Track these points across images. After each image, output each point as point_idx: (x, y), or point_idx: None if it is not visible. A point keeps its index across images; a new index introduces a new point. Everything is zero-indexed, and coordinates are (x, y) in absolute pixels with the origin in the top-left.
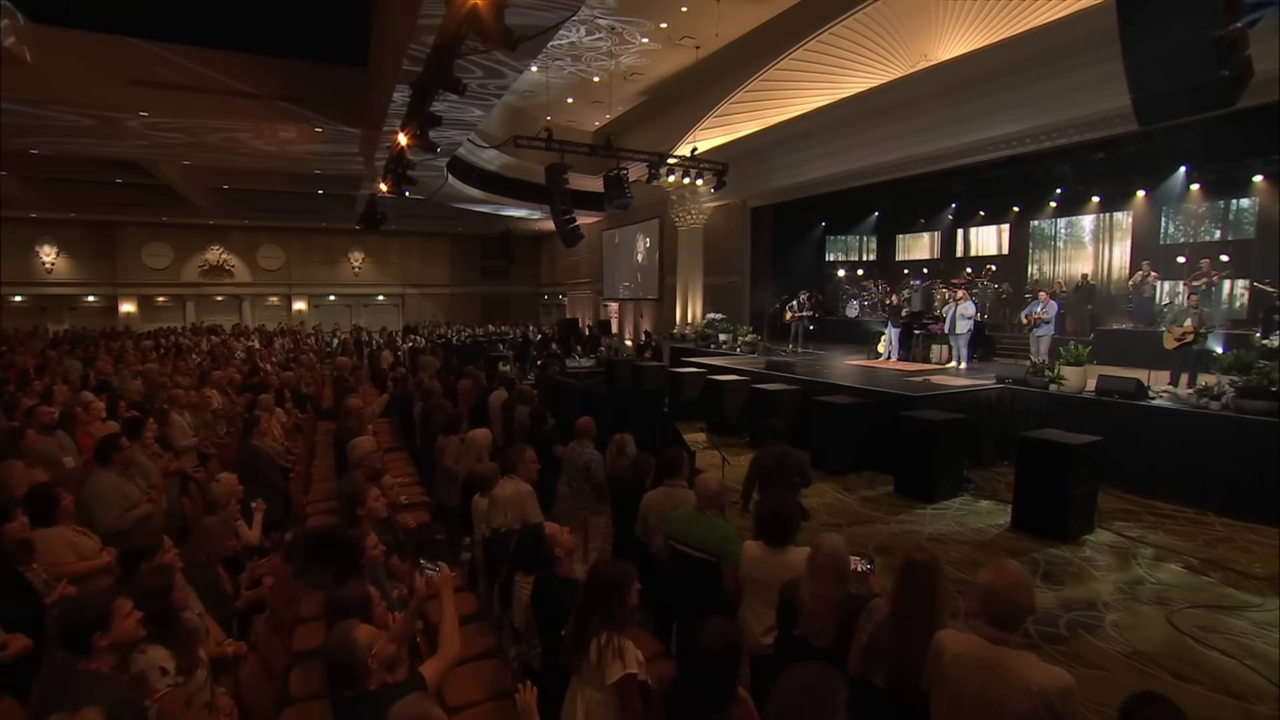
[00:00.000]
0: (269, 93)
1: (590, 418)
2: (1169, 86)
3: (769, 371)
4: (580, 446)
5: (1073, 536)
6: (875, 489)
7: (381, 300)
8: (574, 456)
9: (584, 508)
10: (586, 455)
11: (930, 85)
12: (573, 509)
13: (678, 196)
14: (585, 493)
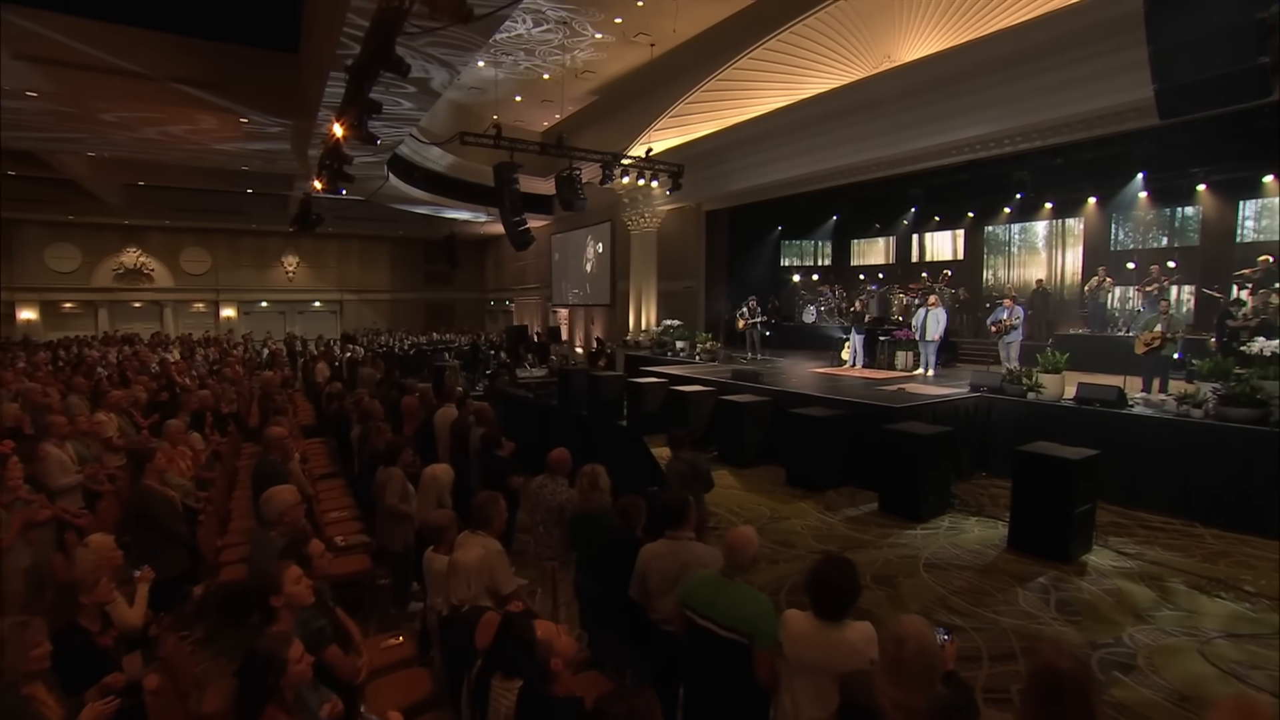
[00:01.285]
0: (182, 77)
1: (567, 451)
2: (1198, 75)
3: (735, 381)
4: (554, 484)
5: (1074, 557)
6: (858, 507)
7: (318, 307)
8: (544, 495)
9: (551, 557)
10: (562, 495)
11: (894, 87)
12: (537, 556)
13: (630, 199)
14: (555, 539)
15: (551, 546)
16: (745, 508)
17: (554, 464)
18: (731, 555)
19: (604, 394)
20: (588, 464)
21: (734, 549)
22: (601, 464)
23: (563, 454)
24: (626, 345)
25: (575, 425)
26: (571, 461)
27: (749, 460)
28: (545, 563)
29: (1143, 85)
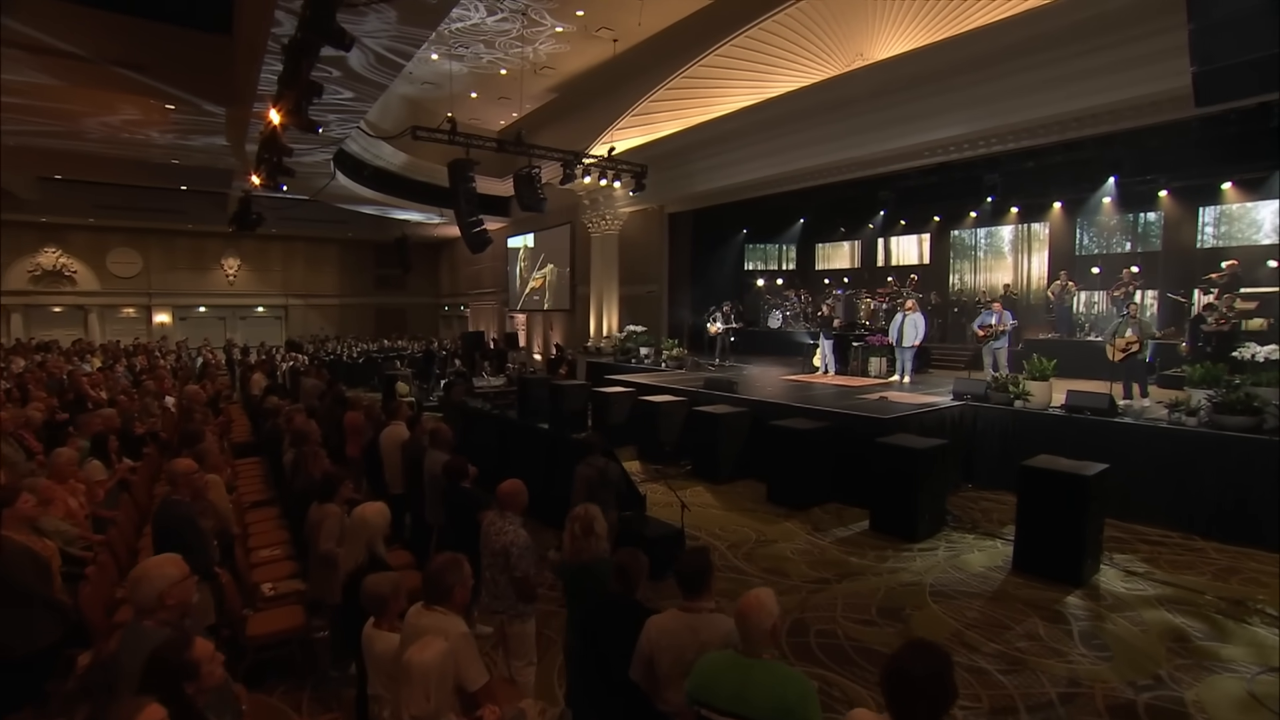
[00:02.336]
0: (102, 55)
1: (519, 483)
2: (1240, 57)
3: (708, 391)
4: (502, 521)
5: (1085, 578)
6: (848, 526)
7: (261, 312)
8: (491, 535)
9: (500, 609)
10: (508, 535)
11: (866, 86)
12: (486, 606)
13: (590, 201)
14: (501, 588)
15: (499, 598)
16: (727, 529)
17: (504, 498)
18: (747, 627)
19: (567, 404)
20: (580, 505)
21: (749, 618)
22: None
23: (514, 487)
24: (588, 352)
25: (539, 441)
26: (528, 494)
27: (725, 475)
28: (494, 615)
29: (1118, 88)
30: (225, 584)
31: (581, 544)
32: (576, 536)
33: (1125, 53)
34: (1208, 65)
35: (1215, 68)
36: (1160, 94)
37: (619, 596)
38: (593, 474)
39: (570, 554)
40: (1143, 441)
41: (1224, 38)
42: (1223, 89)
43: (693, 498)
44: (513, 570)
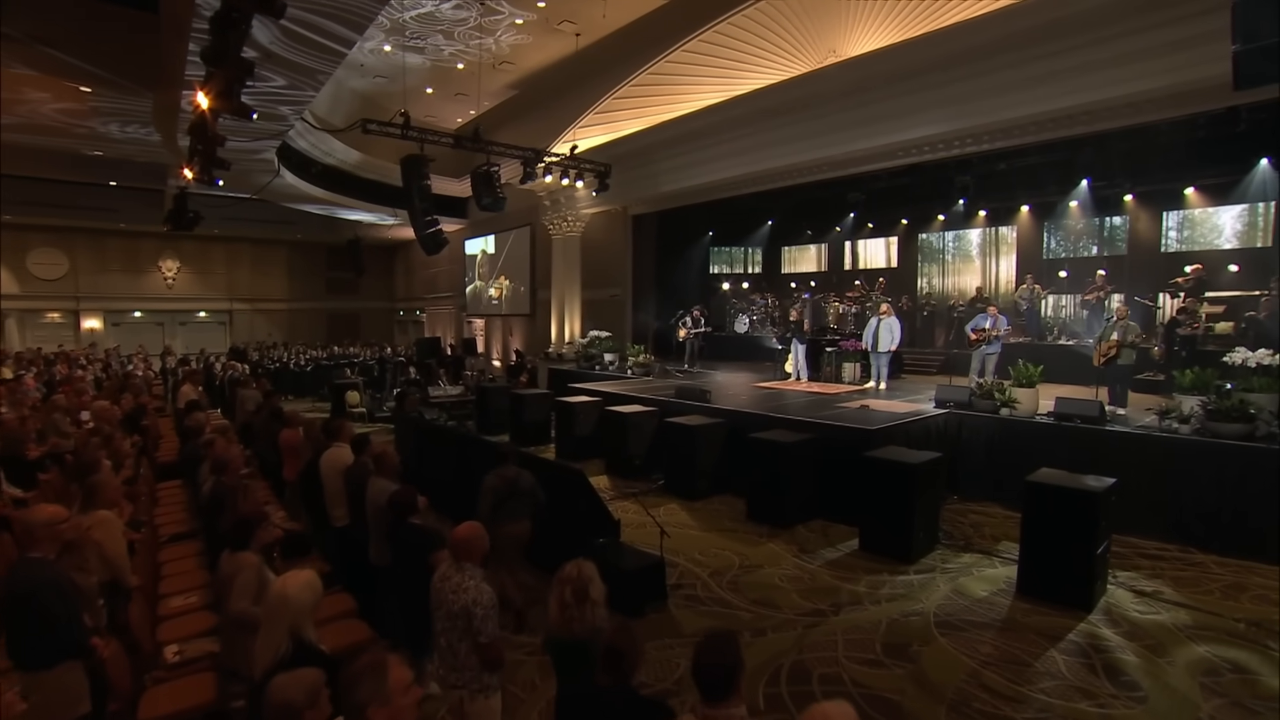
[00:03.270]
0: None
1: (478, 526)
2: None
3: (680, 400)
4: (459, 575)
5: (1096, 601)
6: (836, 547)
7: (204, 317)
8: (446, 593)
9: (459, 683)
10: (468, 593)
11: (838, 83)
12: (440, 679)
13: (552, 202)
14: (461, 657)
15: (458, 669)
16: (708, 554)
17: (460, 546)
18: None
19: (529, 415)
20: (572, 562)
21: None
22: None
23: (472, 532)
24: (549, 358)
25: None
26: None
27: (701, 491)
28: (451, 690)
29: (1094, 89)
30: (108, 657)
31: (573, 613)
32: (567, 604)
33: (1102, 52)
34: (1251, 43)
35: (1259, 46)
36: (1136, 95)
37: (612, 690)
38: (500, 484)
39: (558, 624)
40: (1135, 450)
41: (1269, 13)
42: (1265, 68)
43: (667, 517)
44: (476, 635)
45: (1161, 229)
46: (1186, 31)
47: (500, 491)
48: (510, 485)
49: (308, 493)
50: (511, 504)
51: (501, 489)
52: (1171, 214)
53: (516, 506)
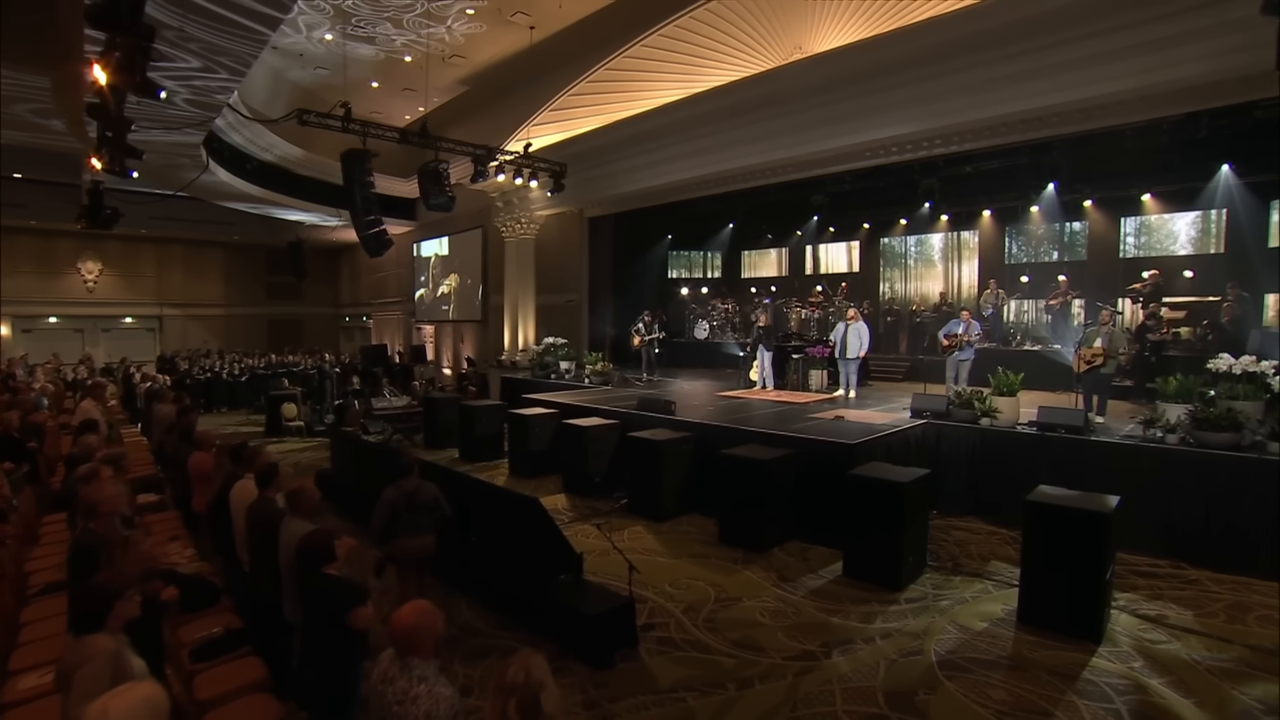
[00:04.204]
0: None
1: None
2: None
3: (642, 413)
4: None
5: (1104, 631)
6: (817, 573)
7: (130, 323)
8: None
9: None
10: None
11: (804, 81)
12: None
13: (504, 203)
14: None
15: None
16: (679, 585)
17: (404, 638)
18: None
19: (480, 428)
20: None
21: None
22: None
23: (419, 620)
24: (502, 366)
25: (449, 486)
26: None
27: (668, 511)
28: None
29: (1064, 89)
30: None
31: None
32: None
33: (1071, 53)
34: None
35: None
36: (1105, 97)
37: None
38: (398, 497)
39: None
40: (1121, 461)
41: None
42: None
43: (632, 541)
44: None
45: (1120, 234)
46: (1156, 34)
47: (398, 505)
48: (409, 498)
49: (218, 529)
50: (411, 518)
51: (399, 502)
52: (1129, 220)
53: (417, 520)
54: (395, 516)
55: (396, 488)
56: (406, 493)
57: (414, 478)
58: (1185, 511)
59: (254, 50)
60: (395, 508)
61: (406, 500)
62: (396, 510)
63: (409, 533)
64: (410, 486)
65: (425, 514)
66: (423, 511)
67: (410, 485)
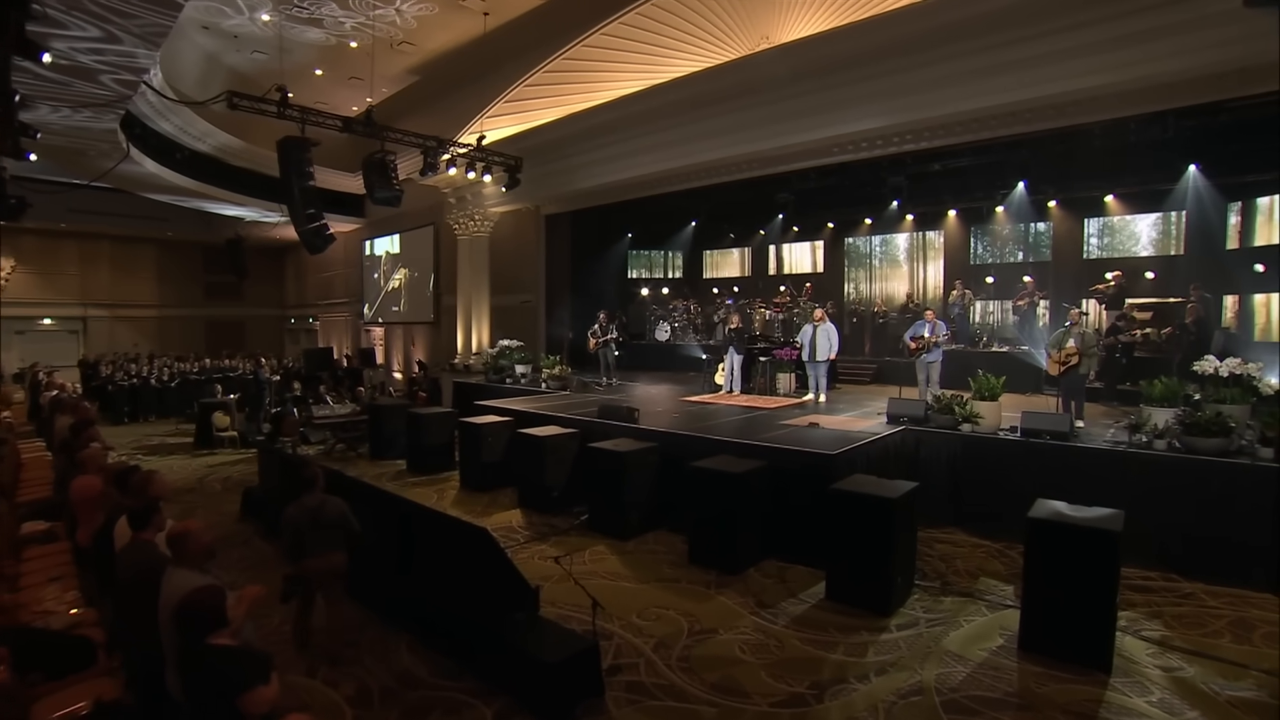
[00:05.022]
0: None
1: None
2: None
3: (604, 421)
4: None
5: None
6: (798, 596)
7: (49, 325)
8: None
9: None
10: None
11: (771, 72)
12: None
13: (457, 199)
14: None
15: None
16: (648, 615)
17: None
18: None
19: (429, 437)
20: None
21: None
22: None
23: None
24: (454, 370)
25: (392, 512)
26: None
27: (632, 528)
28: None
29: (1038, 84)
30: None
31: None
32: None
33: (1045, 46)
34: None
35: None
36: (1078, 92)
37: None
38: (301, 516)
39: None
40: (1108, 469)
41: None
42: None
43: (594, 563)
44: None
45: (1084, 235)
46: (1132, 28)
47: (300, 524)
48: (313, 516)
49: (102, 570)
50: (317, 536)
51: (302, 521)
52: (1092, 220)
53: (323, 538)
54: (299, 536)
55: (299, 505)
56: (310, 509)
57: (317, 493)
58: (1176, 521)
59: (164, 19)
60: (298, 527)
61: (310, 518)
62: (299, 529)
63: (316, 552)
64: (314, 503)
65: (332, 531)
66: (328, 529)
67: (314, 501)
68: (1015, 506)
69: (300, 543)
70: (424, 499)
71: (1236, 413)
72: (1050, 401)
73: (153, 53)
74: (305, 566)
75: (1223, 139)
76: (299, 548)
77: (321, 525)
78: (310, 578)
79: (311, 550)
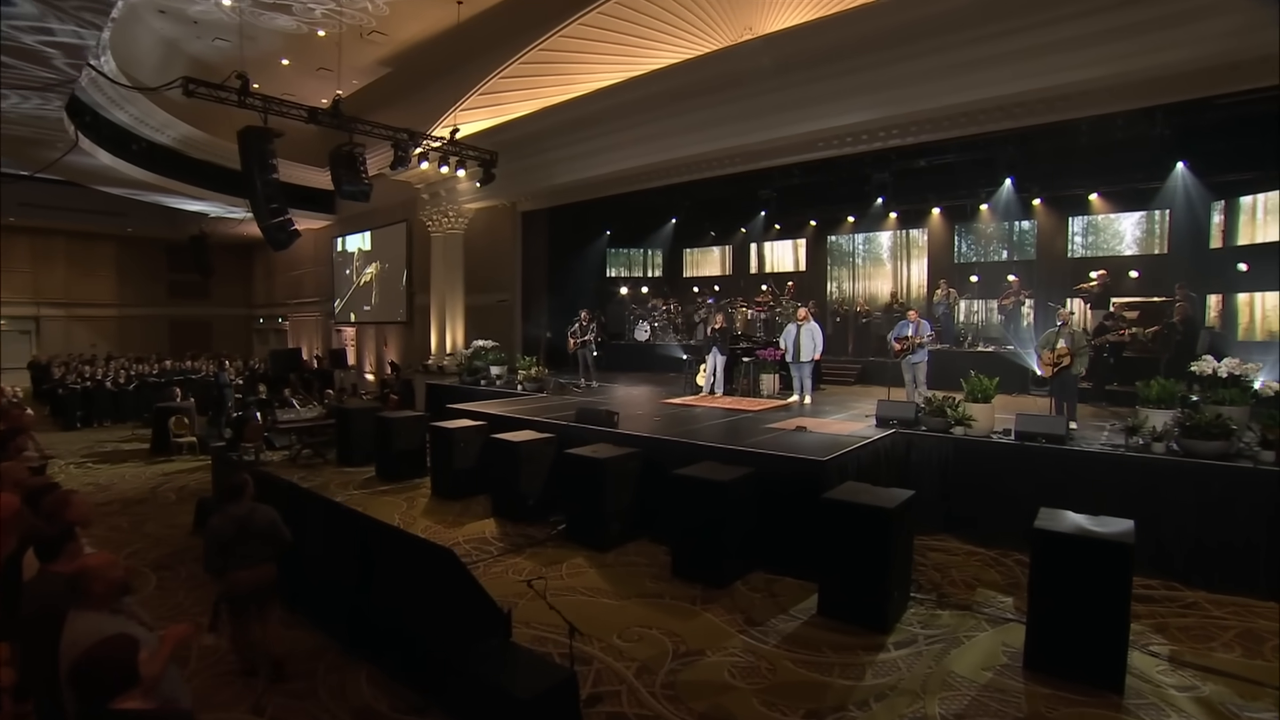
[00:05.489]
0: None
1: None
2: None
3: (581, 425)
4: None
5: None
6: (788, 612)
7: (2, 325)
8: None
9: None
10: None
11: (755, 63)
12: None
13: (431, 195)
14: None
15: None
16: (629, 635)
17: None
18: None
19: (399, 443)
20: None
21: None
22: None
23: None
24: (428, 371)
25: (351, 531)
26: None
27: (613, 538)
28: None
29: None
30: None
31: None
32: None
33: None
34: None
35: None
36: (1068, 86)
37: None
38: (227, 527)
39: None
40: (1107, 473)
41: None
42: None
43: (572, 576)
44: None
45: (1068, 234)
46: (1122, 20)
47: (225, 535)
48: (240, 526)
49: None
50: (245, 549)
51: (227, 532)
52: (1077, 219)
53: (252, 550)
54: (225, 549)
55: (224, 515)
56: (236, 519)
57: (245, 501)
58: (1177, 527)
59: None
60: (223, 539)
61: (237, 528)
62: (224, 541)
63: (244, 564)
64: (240, 512)
65: (261, 542)
66: (257, 540)
67: (240, 510)
68: (1010, 513)
69: (226, 556)
70: (393, 508)
71: (1235, 414)
72: (1039, 402)
73: (95, 31)
74: (234, 581)
75: (1211, 136)
76: (224, 561)
77: (250, 536)
78: (241, 593)
79: (239, 563)
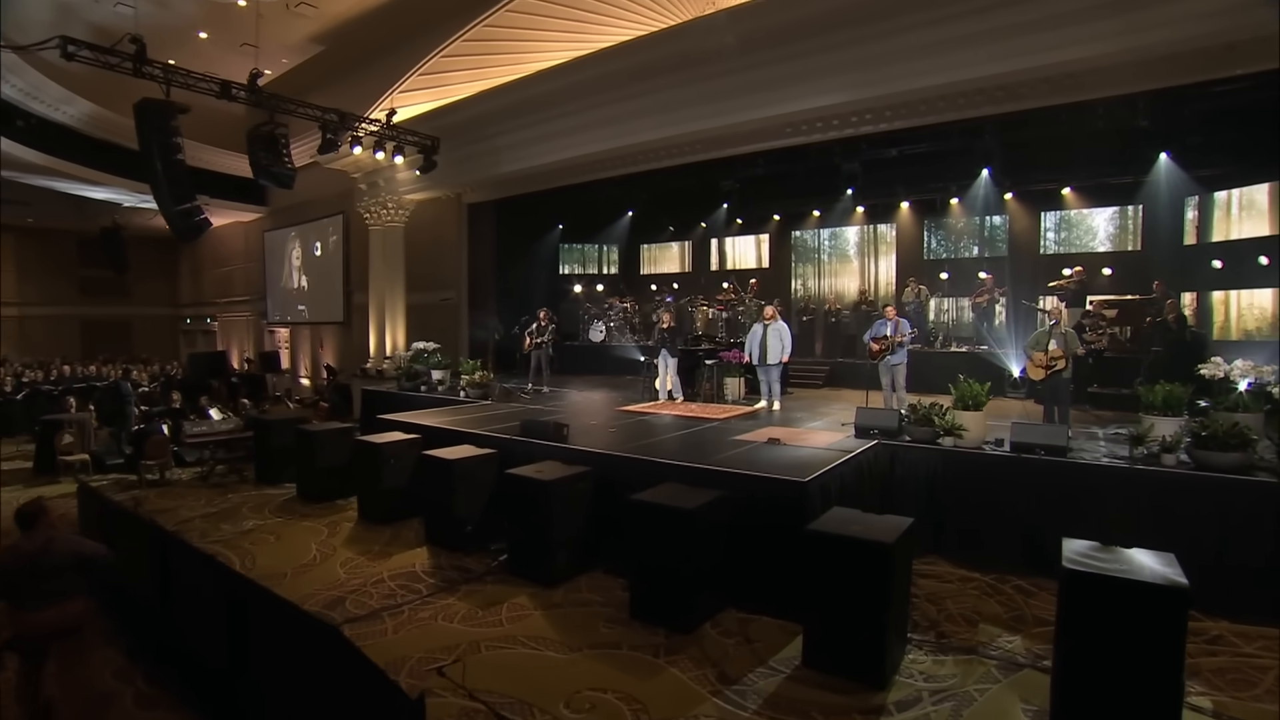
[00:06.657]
0: None
1: None
2: None
3: (527, 440)
4: None
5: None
6: (768, 663)
7: None
8: None
9: None
10: None
11: (717, 40)
12: None
13: (368, 185)
14: None
15: None
16: (580, 700)
17: None
18: None
19: (322, 459)
20: None
21: None
22: None
23: None
24: (365, 375)
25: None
26: None
27: (560, 570)
28: None
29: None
30: None
31: None
32: None
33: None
34: None
35: None
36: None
37: None
38: (12, 561)
39: None
40: (1114, 488)
41: None
42: None
43: (513, 623)
44: None
45: (1040, 230)
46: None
47: (11, 572)
48: (30, 561)
49: None
50: (38, 585)
51: (15, 569)
52: (1050, 214)
53: (49, 589)
54: (13, 588)
55: (12, 550)
56: (26, 555)
57: (39, 532)
58: (1193, 548)
59: None
60: (10, 576)
61: (26, 564)
62: (12, 579)
63: (41, 605)
64: (32, 545)
65: (61, 577)
66: (55, 575)
67: (32, 544)
68: (1006, 532)
69: (15, 597)
70: (313, 536)
71: (1251, 422)
72: (1019, 406)
73: None
74: (25, 624)
75: (1196, 127)
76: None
77: (43, 573)
78: (33, 639)
79: (32, 604)
